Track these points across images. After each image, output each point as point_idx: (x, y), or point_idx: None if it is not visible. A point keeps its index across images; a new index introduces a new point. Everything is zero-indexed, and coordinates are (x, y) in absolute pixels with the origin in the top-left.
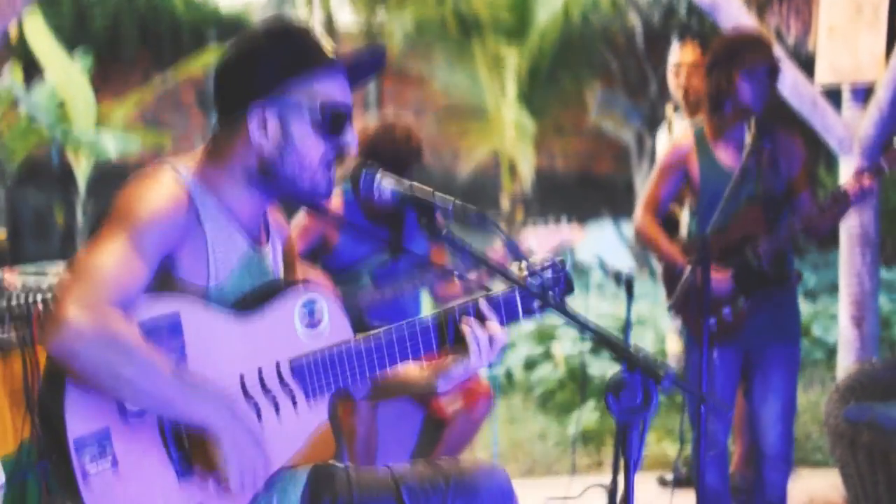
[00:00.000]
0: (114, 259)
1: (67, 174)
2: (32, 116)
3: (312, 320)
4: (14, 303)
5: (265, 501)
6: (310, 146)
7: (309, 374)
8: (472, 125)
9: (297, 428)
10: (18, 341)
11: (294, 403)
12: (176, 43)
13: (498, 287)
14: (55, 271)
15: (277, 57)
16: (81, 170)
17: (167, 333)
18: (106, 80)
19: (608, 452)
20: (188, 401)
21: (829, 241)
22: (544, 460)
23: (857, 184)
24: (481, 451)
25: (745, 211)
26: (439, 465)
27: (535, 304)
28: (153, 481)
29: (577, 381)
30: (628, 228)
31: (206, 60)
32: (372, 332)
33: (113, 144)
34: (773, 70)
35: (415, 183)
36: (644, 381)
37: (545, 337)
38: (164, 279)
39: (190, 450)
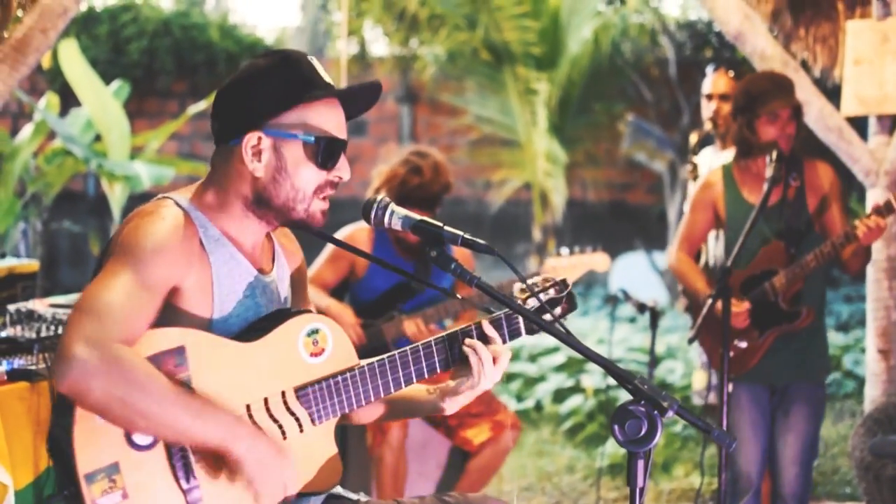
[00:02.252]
0: (120, 295)
1: (102, 204)
2: (68, 147)
3: (316, 348)
4: (43, 334)
5: None
6: (304, 175)
7: (315, 399)
8: (505, 155)
9: (305, 453)
10: (47, 372)
11: (300, 429)
12: (212, 73)
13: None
14: None
15: (274, 86)
16: (116, 200)
17: (173, 367)
18: (141, 110)
19: None
20: (203, 426)
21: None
22: (572, 493)
23: (865, 226)
24: (507, 484)
25: (768, 246)
26: (447, 500)
27: (523, 324)
28: None
29: (607, 414)
30: (661, 259)
31: None
32: (376, 357)
33: (147, 174)
34: (795, 112)
35: (425, 217)
36: (649, 412)
37: (575, 369)
38: (168, 312)
39: (198, 478)
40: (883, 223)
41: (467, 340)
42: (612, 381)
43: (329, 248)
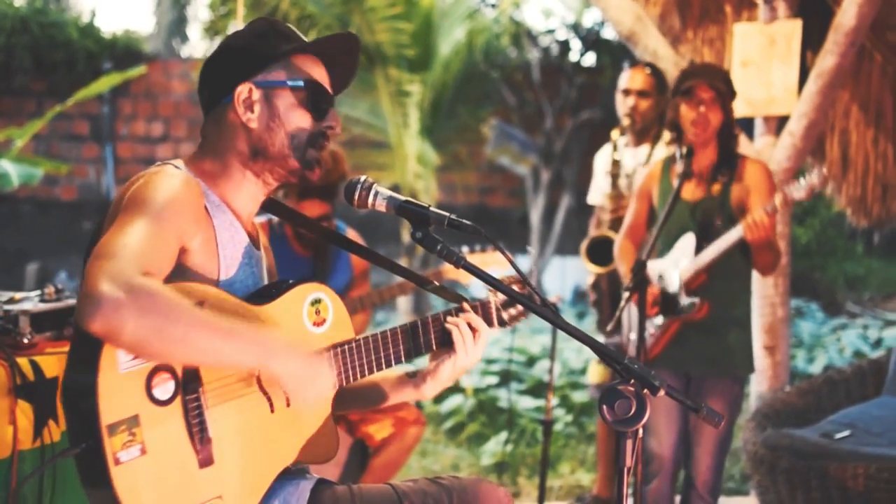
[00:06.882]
0: (136, 237)
1: None
2: None
3: (318, 317)
4: None
5: None
6: (296, 121)
7: None
8: (374, 157)
9: (297, 423)
10: None
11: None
12: (71, 71)
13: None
14: None
15: (258, 43)
16: None
17: None
18: None
19: (524, 483)
20: (237, 347)
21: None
22: None
23: (746, 224)
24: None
25: (682, 237)
26: (441, 482)
27: (506, 316)
28: (177, 469)
29: (487, 413)
30: (522, 263)
31: (101, 88)
32: (370, 333)
33: (16, 173)
34: (717, 97)
35: (410, 198)
36: (638, 392)
37: None
38: (177, 273)
39: (213, 438)
40: (765, 220)
41: (449, 318)
42: (490, 381)
43: None
